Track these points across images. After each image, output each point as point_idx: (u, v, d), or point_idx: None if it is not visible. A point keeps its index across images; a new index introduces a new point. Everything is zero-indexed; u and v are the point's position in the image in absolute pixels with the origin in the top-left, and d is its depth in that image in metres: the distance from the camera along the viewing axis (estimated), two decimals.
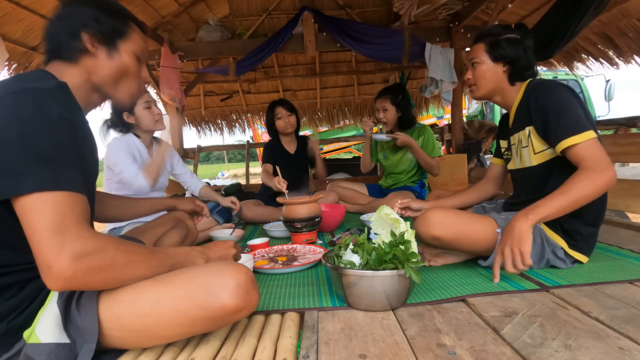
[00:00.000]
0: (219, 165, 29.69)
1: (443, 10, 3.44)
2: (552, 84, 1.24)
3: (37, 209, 0.67)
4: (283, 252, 1.64)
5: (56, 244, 0.66)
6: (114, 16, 0.92)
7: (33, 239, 0.67)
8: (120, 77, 0.94)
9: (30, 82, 0.77)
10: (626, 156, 2.04)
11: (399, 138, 2.36)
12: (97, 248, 0.70)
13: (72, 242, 0.67)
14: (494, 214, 1.28)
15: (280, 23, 3.77)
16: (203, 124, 5.36)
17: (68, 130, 0.74)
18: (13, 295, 0.78)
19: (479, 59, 1.37)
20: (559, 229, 1.25)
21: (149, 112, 1.90)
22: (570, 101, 1.19)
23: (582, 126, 1.15)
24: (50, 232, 0.66)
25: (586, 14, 2.17)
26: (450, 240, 1.21)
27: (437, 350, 0.80)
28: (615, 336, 0.83)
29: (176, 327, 0.78)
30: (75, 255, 0.67)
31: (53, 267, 0.66)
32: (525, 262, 1.09)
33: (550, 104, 1.21)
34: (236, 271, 0.79)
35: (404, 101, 2.50)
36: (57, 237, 0.66)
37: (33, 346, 0.74)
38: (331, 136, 6.66)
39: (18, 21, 2.43)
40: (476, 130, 4.07)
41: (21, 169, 0.68)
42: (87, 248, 0.68)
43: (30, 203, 0.67)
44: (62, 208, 0.68)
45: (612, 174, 1.12)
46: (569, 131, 1.16)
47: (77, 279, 0.68)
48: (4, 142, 0.69)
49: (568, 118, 1.17)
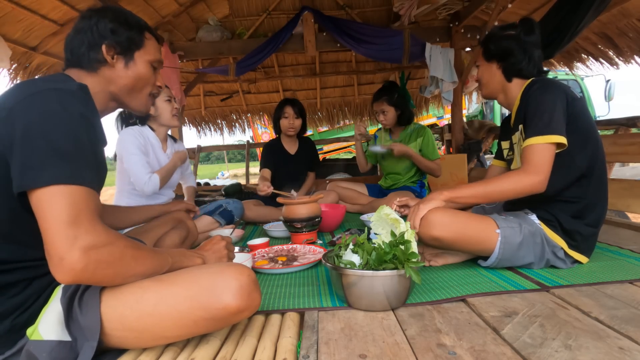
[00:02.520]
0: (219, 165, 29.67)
1: (443, 10, 3.43)
2: (545, 84, 1.25)
3: (54, 201, 0.69)
4: (283, 252, 1.64)
5: (70, 236, 0.67)
6: (132, 28, 0.96)
7: (47, 230, 0.68)
8: (137, 85, 0.98)
9: (53, 83, 0.80)
10: (626, 156, 2.04)
11: (396, 149, 2.36)
12: (108, 242, 0.71)
13: (85, 234, 0.68)
14: (494, 215, 1.28)
15: (280, 23, 3.77)
16: (203, 124, 5.35)
17: (88, 130, 0.77)
18: (18, 293, 0.79)
19: (479, 62, 1.44)
20: (558, 229, 1.25)
21: (169, 105, 1.93)
22: (553, 104, 1.20)
23: (548, 130, 1.18)
24: (65, 225, 0.68)
25: (587, 14, 2.17)
26: (451, 241, 1.21)
27: (437, 350, 0.80)
28: (615, 336, 0.83)
29: (178, 328, 0.78)
30: (88, 247, 0.68)
31: (65, 259, 0.67)
32: (414, 224, 1.20)
33: (533, 104, 1.23)
34: (239, 272, 0.80)
35: (400, 98, 2.50)
36: (71, 229, 0.68)
37: (35, 343, 0.75)
38: (331, 136, 6.65)
39: (18, 21, 2.43)
40: (476, 130, 4.06)
41: (41, 162, 0.70)
42: (100, 241, 0.70)
43: (48, 195, 0.69)
44: (77, 202, 0.70)
45: (538, 180, 1.17)
46: (535, 131, 1.19)
47: (87, 272, 0.69)
48: (28, 138, 0.71)
49: (541, 119, 1.19)
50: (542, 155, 1.17)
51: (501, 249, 1.21)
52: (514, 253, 1.22)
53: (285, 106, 2.62)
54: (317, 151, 2.96)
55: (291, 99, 2.69)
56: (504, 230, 1.21)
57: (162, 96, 1.93)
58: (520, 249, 1.22)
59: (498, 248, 1.21)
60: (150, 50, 1.00)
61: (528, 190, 1.18)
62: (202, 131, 5.40)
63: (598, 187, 1.27)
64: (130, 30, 0.95)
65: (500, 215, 1.29)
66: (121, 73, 0.95)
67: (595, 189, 1.26)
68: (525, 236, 1.22)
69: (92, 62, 0.92)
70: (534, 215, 1.28)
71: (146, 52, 0.98)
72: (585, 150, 1.23)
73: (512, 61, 1.34)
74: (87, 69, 0.93)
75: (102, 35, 0.92)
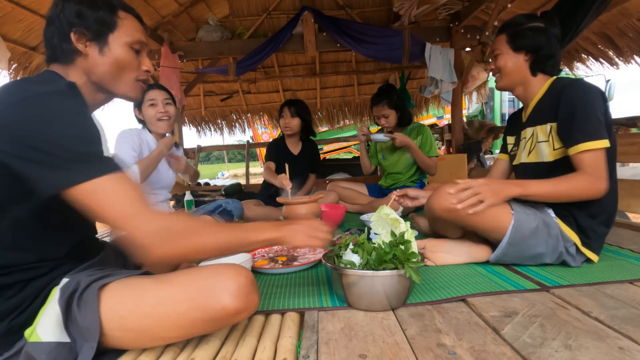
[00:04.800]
0: (219, 165, 29.66)
1: (443, 10, 3.43)
2: (585, 85, 1.25)
3: (103, 195, 0.74)
4: (283, 252, 1.64)
5: (134, 227, 0.75)
6: (99, 8, 0.85)
7: (114, 223, 0.76)
8: (118, 72, 0.89)
9: (41, 85, 0.77)
10: (626, 156, 2.04)
11: (397, 138, 2.38)
12: (166, 219, 0.79)
13: (144, 221, 0.76)
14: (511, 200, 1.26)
15: (280, 23, 3.77)
16: (203, 124, 5.35)
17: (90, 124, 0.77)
18: (14, 295, 0.79)
19: (499, 50, 1.38)
20: (574, 225, 1.26)
21: (153, 109, 1.89)
22: (598, 106, 1.20)
23: (600, 134, 1.18)
24: (123, 218, 0.75)
25: (587, 14, 2.17)
26: (464, 215, 1.18)
27: (437, 350, 0.80)
28: (615, 336, 0.83)
29: (177, 329, 0.78)
30: (155, 231, 0.76)
31: (139, 240, 0.76)
32: (473, 207, 1.15)
33: (580, 105, 1.21)
34: (236, 273, 0.79)
35: (400, 100, 2.52)
36: (133, 220, 0.75)
37: (34, 345, 0.75)
38: (331, 136, 6.66)
39: (18, 21, 2.43)
40: (476, 130, 4.07)
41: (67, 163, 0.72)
42: (159, 221, 0.77)
43: (90, 190, 0.73)
44: (121, 191, 0.75)
45: (604, 187, 1.18)
46: (587, 136, 1.18)
47: (163, 247, 0.78)
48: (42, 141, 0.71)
49: (591, 123, 1.19)
50: (600, 161, 1.18)
51: (512, 231, 1.20)
52: (524, 239, 1.22)
53: (284, 106, 2.66)
54: (319, 153, 2.97)
55: (293, 100, 2.70)
56: (517, 214, 1.21)
57: (145, 102, 1.87)
58: (532, 237, 1.22)
59: (510, 231, 1.20)
60: (128, 31, 0.88)
61: (593, 195, 1.18)
62: (202, 131, 5.40)
63: (612, 187, 1.26)
64: (98, 10, 0.85)
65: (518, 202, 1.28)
66: (97, 61, 0.86)
67: (611, 189, 1.25)
68: (540, 224, 1.22)
69: (66, 53, 0.85)
70: (551, 210, 1.29)
71: (122, 34, 0.88)
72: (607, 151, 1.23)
73: (543, 55, 1.31)
74: (64, 61, 0.86)
75: (70, 22, 0.83)
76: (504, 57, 1.37)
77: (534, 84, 1.36)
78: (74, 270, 0.85)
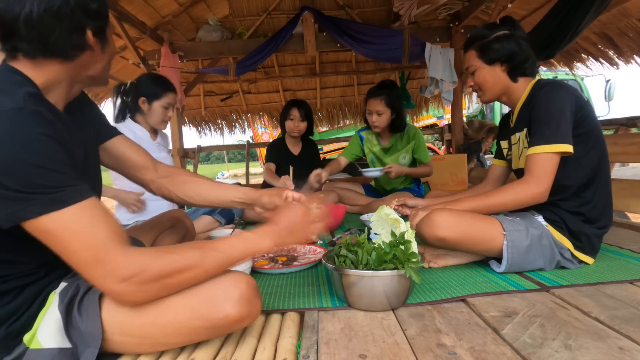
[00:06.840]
0: (219, 165, 29.68)
1: (443, 10, 3.43)
2: (555, 88, 1.23)
3: (61, 237, 0.67)
4: (283, 252, 1.64)
5: (99, 275, 0.69)
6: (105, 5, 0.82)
7: (76, 267, 0.70)
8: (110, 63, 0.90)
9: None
10: (626, 156, 2.04)
11: (393, 171, 2.29)
12: (140, 264, 0.70)
13: (113, 270, 0.69)
14: (500, 216, 1.27)
15: (280, 23, 3.76)
16: (203, 124, 5.35)
17: (53, 147, 0.68)
18: (10, 301, 0.78)
19: (474, 67, 1.36)
20: (565, 231, 1.25)
21: (164, 112, 1.95)
22: (562, 110, 1.18)
23: (556, 138, 1.17)
24: (88, 267, 0.68)
25: (587, 14, 2.17)
26: (456, 241, 1.20)
27: (437, 350, 0.80)
28: (615, 336, 0.83)
29: (179, 336, 0.78)
30: (124, 279, 0.69)
31: (108, 293, 0.71)
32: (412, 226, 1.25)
33: (542, 108, 1.21)
34: (238, 280, 0.79)
35: (399, 102, 2.37)
36: (97, 269, 0.68)
37: (35, 351, 0.74)
38: (331, 136, 6.66)
39: None
40: (476, 130, 4.07)
41: (24, 195, 0.65)
42: (131, 269, 0.70)
43: (46, 227, 0.66)
44: (83, 232, 0.68)
45: (539, 191, 1.17)
46: (541, 139, 1.18)
47: (140, 293, 0.72)
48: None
49: (548, 126, 1.18)
50: (545, 165, 1.17)
51: (509, 253, 1.20)
52: (523, 257, 1.21)
53: (292, 108, 2.60)
54: (319, 153, 2.97)
55: (299, 101, 2.66)
56: (510, 234, 1.20)
57: (162, 101, 1.92)
58: (529, 253, 1.21)
59: (506, 253, 1.20)
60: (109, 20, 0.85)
61: (529, 201, 1.19)
62: (202, 131, 5.40)
63: (604, 189, 1.27)
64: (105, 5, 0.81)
65: (507, 216, 1.28)
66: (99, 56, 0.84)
67: (601, 191, 1.26)
68: (533, 240, 1.21)
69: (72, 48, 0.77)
70: (540, 217, 1.28)
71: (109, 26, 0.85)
72: (591, 154, 1.23)
73: (518, 60, 1.30)
74: (60, 56, 0.77)
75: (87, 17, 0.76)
76: (481, 72, 1.35)
77: (517, 89, 1.35)
78: (71, 273, 0.84)
